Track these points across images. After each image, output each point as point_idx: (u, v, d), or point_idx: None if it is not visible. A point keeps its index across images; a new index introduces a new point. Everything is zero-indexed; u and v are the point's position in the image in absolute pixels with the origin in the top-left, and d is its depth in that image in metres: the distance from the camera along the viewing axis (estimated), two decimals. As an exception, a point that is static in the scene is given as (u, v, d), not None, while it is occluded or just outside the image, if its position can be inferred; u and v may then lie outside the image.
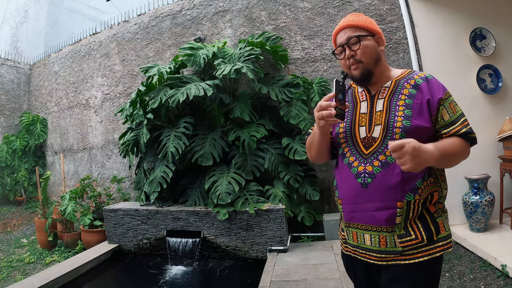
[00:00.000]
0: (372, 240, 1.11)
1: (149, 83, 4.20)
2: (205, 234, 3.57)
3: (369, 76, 1.13)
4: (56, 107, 6.63)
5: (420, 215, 1.08)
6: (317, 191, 3.72)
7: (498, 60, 3.36)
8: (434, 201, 1.10)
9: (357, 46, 1.11)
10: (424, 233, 1.06)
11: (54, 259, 3.85)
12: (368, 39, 1.13)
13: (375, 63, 1.13)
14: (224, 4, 4.61)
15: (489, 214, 3.02)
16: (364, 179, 1.10)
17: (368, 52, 1.12)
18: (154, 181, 3.73)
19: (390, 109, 1.11)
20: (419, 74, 1.15)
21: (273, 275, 2.79)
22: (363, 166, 1.11)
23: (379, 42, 1.16)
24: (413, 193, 1.05)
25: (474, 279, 2.43)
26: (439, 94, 1.09)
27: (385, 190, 1.06)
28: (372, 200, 1.09)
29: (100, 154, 5.78)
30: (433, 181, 1.10)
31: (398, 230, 1.07)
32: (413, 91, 1.10)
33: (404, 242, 1.06)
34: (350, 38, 1.12)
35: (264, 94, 3.88)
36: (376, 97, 1.16)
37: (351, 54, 1.12)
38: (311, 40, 4.14)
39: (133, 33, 5.41)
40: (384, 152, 1.08)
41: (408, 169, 0.91)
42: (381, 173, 1.07)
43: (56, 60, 6.68)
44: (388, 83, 1.16)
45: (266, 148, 3.76)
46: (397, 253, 1.07)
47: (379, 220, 1.08)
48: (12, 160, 6.52)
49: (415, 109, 1.08)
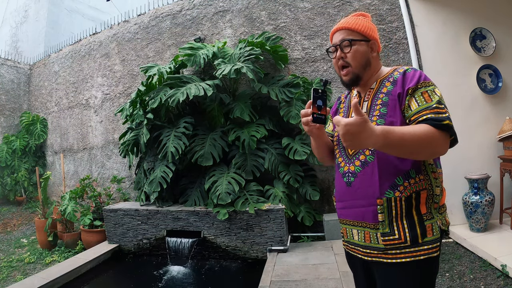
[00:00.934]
0: (359, 235, 1.15)
1: (149, 83, 4.20)
2: (205, 234, 3.57)
3: (357, 81, 1.17)
4: (56, 107, 6.63)
5: (408, 214, 1.06)
6: (317, 191, 3.71)
7: (498, 60, 3.36)
8: (423, 200, 1.07)
9: (348, 49, 1.14)
10: (408, 234, 1.05)
11: (54, 259, 3.85)
12: (361, 44, 1.14)
13: (364, 68, 1.15)
14: (224, 4, 4.61)
15: (489, 214, 3.02)
16: (348, 178, 1.16)
17: (359, 57, 1.14)
18: (154, 181, 3.73)
19: (371, 109, 1.13)
20: (400, 70, 1.13)
21: (273, 275, 2.79)
22: (348, 166, 1.17)
23: (373, 48, 1.17)
24: (392, 190, 1.06)
25: (474, 279, 2.43)
26: (410, 84, 1.05)
27: (366, 187, 1.10)
28: (356, 198, 1.13)
29: (100, 154, 5.78)
30: (422, 179, 1.07)
31: (382, 228, 1.08)
32: (390, 88, 1.11)
33: (387, 240, 1.07)
34: (343, 40, 1.15)
35: (264, 94, 3.88)
36: (363, 99, 1.19)
37: (341, 56, 1.15)
38: (311, 40, 4.14)
39: (133, 33, 5.41)
40: (363, 152, 1.12)
41: (347, 146, 0.93)
42: (361, 172, 1.12)
43: (56, 60, 6.68)
44: (373, 84, 1.18)
45: (266, 148, 3.76)
46: (379, 250, 1.08)
47: (363, 217, 1.12)
48: (12, 160, 6.52)
49: (390, 106, 1.08)
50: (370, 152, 1.11)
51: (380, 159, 1.08)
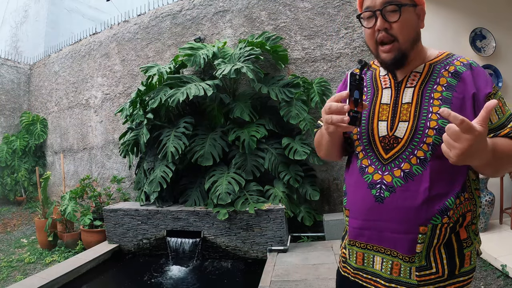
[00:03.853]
0: (384, 264, 0.88)
1: (149, 83, 4.20)
2: (205, 234, 3.57)
3: (403, 61, 0.87)
4: (56, 107, 6.63)
5: (447, 242, 0.85)
6: (317, 191, 3.71)
7: (498, 60, 3.36)
8: (466, 223, 0.86)
9: (396, 17, 0.83)
10: (446, 266, 0.84)
11: (54, 259, 3.85)
12: (410, 10, 0.84)
13: (413, 44, 0.87)
14: (224, 4, 4.61)
15: (489, 214, 3.02)
16: (379, 192, 0.86)
17: (408, 29, 0.84)
18: (154, 181, 3.73)
19: (422, 102, 0.85)
20: (460, 60, 0.89)
21: (273, 275, 2.79)
22: (380, 175, 0.87)
23: (420, 16, 0.88)
24: (441, 216, 0.82)
25: (474, 279, 2.43)
26: (487, 89, 0.83)
27: (406, 209, 0.83)
28: (388, 220, 0.86)
29: (100, 154, 5.78)
30: (467, 198, 0.85)
31: (418, 261, 0.84)
32: (452, 81, 0.85)
33: (422, 276, 0.84)
34: (388, 3, 0.82)
35: (264, 94, 3.88)
36: (404, 85, 0.90)
37: (385, 27, 0.84)
38: (311, 40, 4.14)
39: (133, 33, 5.41)
40: (409, 160, 0.83)
41: (455, 162, 0.68)
42: (402, 187, 0.83)
43: (56, 60, 6.68)
44: (420, 67, 0.90)
45: (266, 148, 3.76)
46: (410, 286, 0.85)
47: (394, 245, 0.86)
48: (12, 160, 6.52)
49: (455, 105, 0.82)
50: (418, 161, 0.83)
51: (434, 171, 0.82)
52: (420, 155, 0.83)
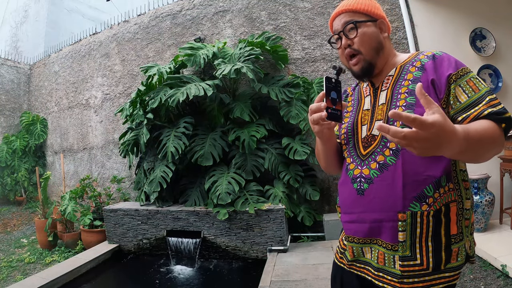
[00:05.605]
0: (373, 253, 0.94)
1: (149, 83, 4.20)
2: (205, 234, 3.57)
3: (370, 69, 0.97)
4: (56, 107, 6.63)
5: (435, 234, 0.86)
6: (317, 191, 3.71)
7: (498, 60, 3.36)
8: (453, 216, 0.86)
9: (354, 33, 0.95)
10: (432, 259, 0.85)
11: (54, 259, 3.85)
12: (367, 25, 0.96)
13: (377, 53, 0.97)
14: (224, 4, 4.61)
15: (489, 214, 3.02)
16: (360, 185, 0.94)
17: (368, 41, 0.95)
18: (154, 181, 3.73)
19: (392, 99, 0.93)
20: (426, 53, 0.95)
21: (273, 275, 2.79)
22: (359, 169, 0.95)
23: (382, 28, 0.99)
24: (419, 203, 0.85)
25: (474, 279, 2.43)
26: (449, 70, 0.87)
27: (384, 198, 0.89)
28: (370, 210, 0.91)
29: (100, 154, 5.78)
30: (452, 188, 0.87)
31: (401, 250, 0.87)
32: (418, 74, 0.91)
33: (406, 266, 0.87)
34: (346, 24, 0.96)
35: (264, 94, 3.88)
36: (380, 89, 0.99)
37: (348, 44, 0.96)
38: (311, 40, 4.14)
39: (133, 33, 5.41)
40: (382, 152, 0.91)
41: (420, 153, 0.68)
42: (379, 177, 0.90)
43: (56, 60, 6.68)
44: (392, 70, 0.98)
45: (266, 148, 3.76)
46: (394, 275, 0.88)
47: (379, 234, 0.91)
48: (12, 160, 6.52)
49: None
50: (391, 152, 0.89)
51: (406, 161, 0.86)
52: (392, 146, 0.89)
